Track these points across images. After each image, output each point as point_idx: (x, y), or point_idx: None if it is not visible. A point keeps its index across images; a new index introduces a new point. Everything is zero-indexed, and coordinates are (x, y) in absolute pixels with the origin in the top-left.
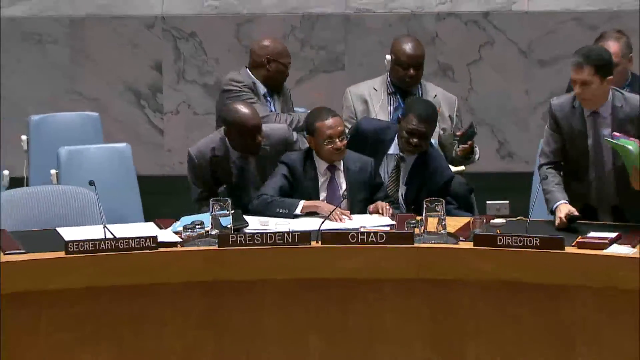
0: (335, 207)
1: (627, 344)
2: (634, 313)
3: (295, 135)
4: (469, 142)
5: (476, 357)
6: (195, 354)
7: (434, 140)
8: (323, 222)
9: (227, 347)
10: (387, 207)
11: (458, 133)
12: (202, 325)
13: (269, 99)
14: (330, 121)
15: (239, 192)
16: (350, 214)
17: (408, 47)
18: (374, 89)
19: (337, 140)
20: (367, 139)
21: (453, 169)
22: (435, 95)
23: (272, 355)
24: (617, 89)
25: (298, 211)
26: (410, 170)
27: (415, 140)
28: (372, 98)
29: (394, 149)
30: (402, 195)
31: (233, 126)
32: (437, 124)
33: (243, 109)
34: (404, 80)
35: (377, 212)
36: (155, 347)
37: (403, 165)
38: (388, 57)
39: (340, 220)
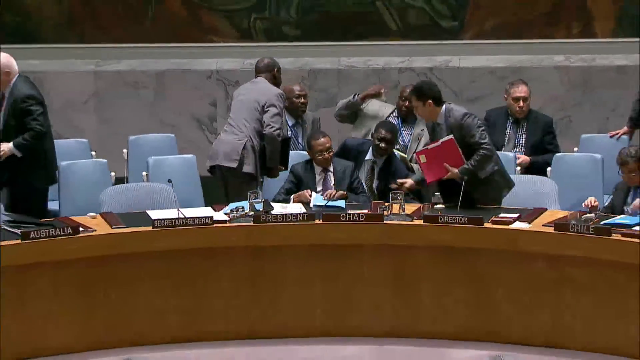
0: (303, 191)
1: (524, 285)
2: (529, 266)
3: None
4: None
5: (425, 296)
6: (239, 294)
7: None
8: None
9: (261, 289)
10: (344, 193)
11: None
12: (243, 275)
13: (293, 129)
14: (320, 140)
15: None
16: (334, 199)
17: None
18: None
19: (325, 153)
20: (350, 151)
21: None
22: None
23: (291, 294)
24: (451, 104)
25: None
26: (380, 169)
27: (384, 145)
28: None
29: (369, 156)
30: (375, 187)
31: None
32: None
33: None
34: (401, 109)
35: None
36: (213, 288)
37: (376, 166)
38: None
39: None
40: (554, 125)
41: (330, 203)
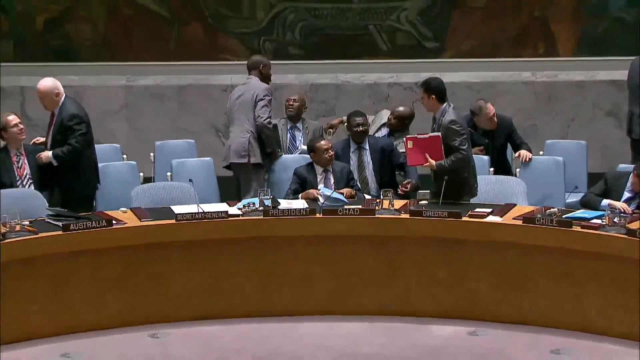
0: (311, 190)
1: (497, 270)
2: (501, 254)
3: None
4: None
5: (411, 280)
6: (250, 278)
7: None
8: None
9: (269, 274)
10: (352, 191)
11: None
12: (254, 262)
13: (290, 130)
14: (323, 142)
15: None
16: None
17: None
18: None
19: (330, 151)
20: (338, 157)
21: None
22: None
23: (295, 278)
24: (451, 106)
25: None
26: (371, 155)
27: (361, 129)
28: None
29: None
30: (374, 180)
31: None
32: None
33: None
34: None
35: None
36: (228, 273)
37: (363, 152)
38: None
39: (315, 195)
40: (516, 128)
41: (335, 195)
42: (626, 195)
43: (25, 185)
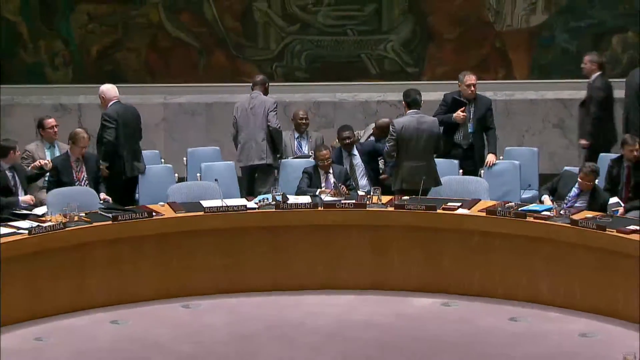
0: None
1: (465, 252)
2: (468, 239)
3: None
4: None
5: (395, 261)
6: (265, 259)
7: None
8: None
9: (280, 256)
10: (345, 189)
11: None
12: (267, 246)
13: (297, 140)
14: (322, 152)
15: None
16: (335, 194)
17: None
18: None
19: (326, 161)
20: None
21: None
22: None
23: (301, 259)
24: (407, 115)
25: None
26: (361, 158)
27: (347, 141)
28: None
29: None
30: (365, 179)
31: None
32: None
33: None
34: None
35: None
36: (247, 255)
37: (353, 157)
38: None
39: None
40: (492, 106)
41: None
42: (574, 191)
43: (82, 185)
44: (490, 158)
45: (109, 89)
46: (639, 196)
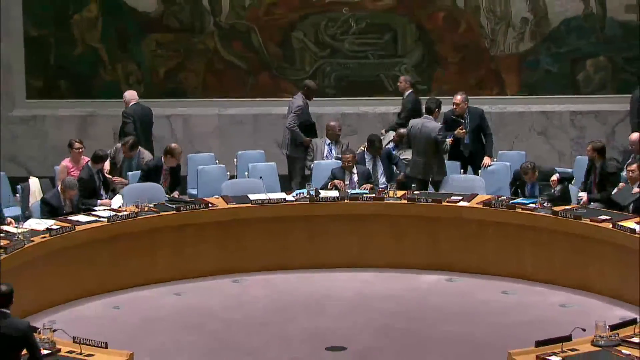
0: (339, 181)
1: (465, 237)
2: (468, 227)
3: None
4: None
5: (407, 244)
6: (302, 243)
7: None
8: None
9: (314, 240)
10: (369, 186)
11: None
12: (304, 232)
13: (329, 146)
14: (347, 156)
15: None
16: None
17: (401, 130)
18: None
19: (348, 163)
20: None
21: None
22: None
23: (331, 243)
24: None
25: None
26: (381, 161)
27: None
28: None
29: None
30: (382, 175)
31: None
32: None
33: None
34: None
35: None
36: (288, 240)
37: (376, 160)
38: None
39: (342, 187)
40: (485, 115)
41: (359, 190)
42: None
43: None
44: (485, 160)
45: (129, 93)
46: (602, 190)
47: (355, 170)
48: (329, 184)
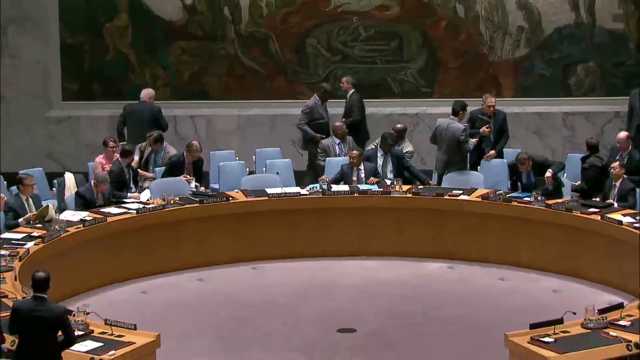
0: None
1: (465, 228)
2: (468, 219)
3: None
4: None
5: (411, 234)
6: (314, 232)
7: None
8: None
9: (325, 230)
10: (375, 180)
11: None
12: (316, 223)
13: (338, 145)
14: (354, 152)
15: None
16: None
17: (398, 125)
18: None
19: (355, 159)
20: (369, 159)
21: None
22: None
23: (340, 232)
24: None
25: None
26: (391, 159)
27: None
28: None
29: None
30: (390, 172)
31: None
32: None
33: None
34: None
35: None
36: (301, 230)
37: (387, 156)
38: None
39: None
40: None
41: (368, 186)
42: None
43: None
44: (491, 152)
45: (142, 92)
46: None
47: (362, 167)
48: (320, 179)
